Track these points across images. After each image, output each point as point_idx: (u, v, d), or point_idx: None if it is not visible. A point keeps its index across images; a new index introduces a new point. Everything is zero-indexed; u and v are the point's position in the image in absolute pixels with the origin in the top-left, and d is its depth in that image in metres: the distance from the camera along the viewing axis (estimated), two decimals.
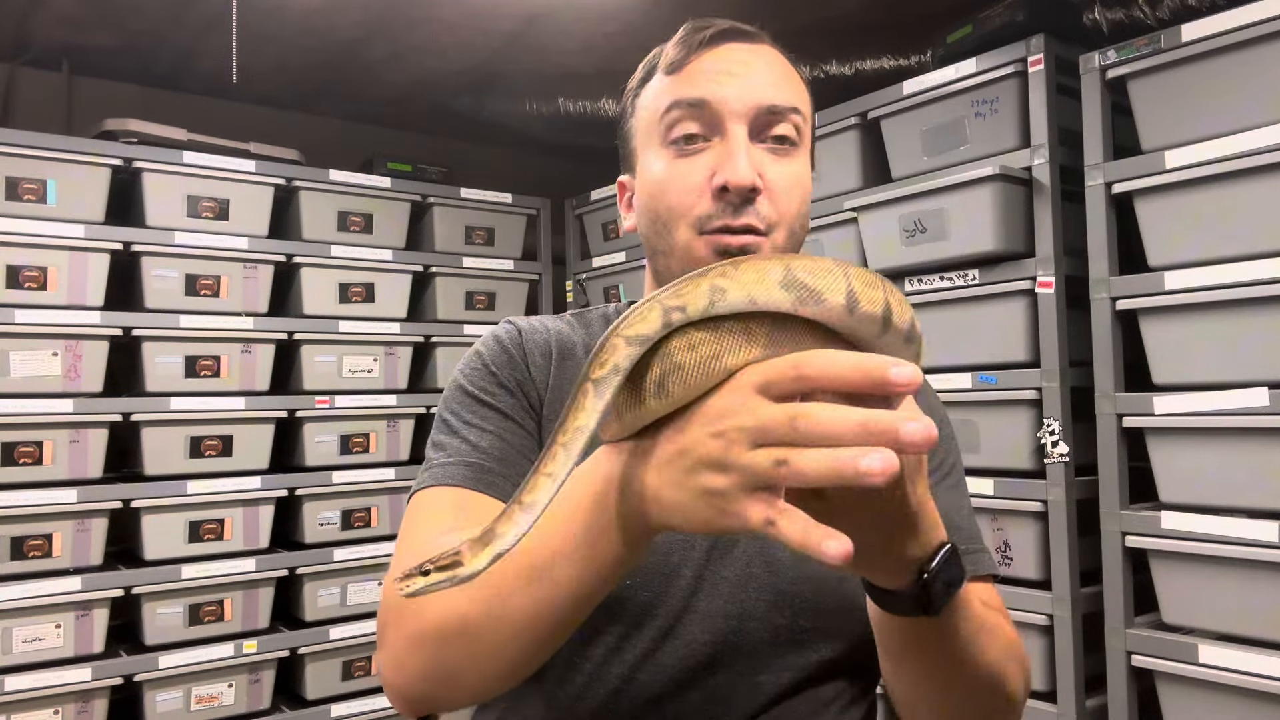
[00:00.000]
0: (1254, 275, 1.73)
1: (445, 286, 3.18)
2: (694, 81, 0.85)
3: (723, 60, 0.86)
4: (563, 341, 0.94)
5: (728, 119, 0.83)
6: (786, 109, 0.85)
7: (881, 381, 0.48)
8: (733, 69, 0.85)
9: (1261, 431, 1.73)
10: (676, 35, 0.89)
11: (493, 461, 0.83)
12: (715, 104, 0.83)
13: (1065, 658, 2.00)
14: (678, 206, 0.84)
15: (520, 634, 0.67)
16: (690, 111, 0.84)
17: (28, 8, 2.60)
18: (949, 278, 2.20)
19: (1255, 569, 1.73)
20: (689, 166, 0.84)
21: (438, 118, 3.47)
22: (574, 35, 2.77)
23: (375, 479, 2.94)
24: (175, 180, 2.68)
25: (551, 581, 0.65)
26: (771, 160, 0.84)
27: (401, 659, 0.71)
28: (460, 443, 0.85)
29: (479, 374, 0.90)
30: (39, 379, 2.45)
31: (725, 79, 0.84)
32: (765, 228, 0.83)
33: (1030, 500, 2.06)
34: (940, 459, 0.94)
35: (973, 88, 2.18)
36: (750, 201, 0.82)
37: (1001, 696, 0.75)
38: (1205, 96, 1.81)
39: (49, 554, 2.44)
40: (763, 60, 0.87)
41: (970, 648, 0.69)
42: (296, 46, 2.86)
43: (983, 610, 0.74)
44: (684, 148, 0.84)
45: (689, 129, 0.84)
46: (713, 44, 0.86)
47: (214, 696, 2.65)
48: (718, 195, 0.82)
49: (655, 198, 0.86)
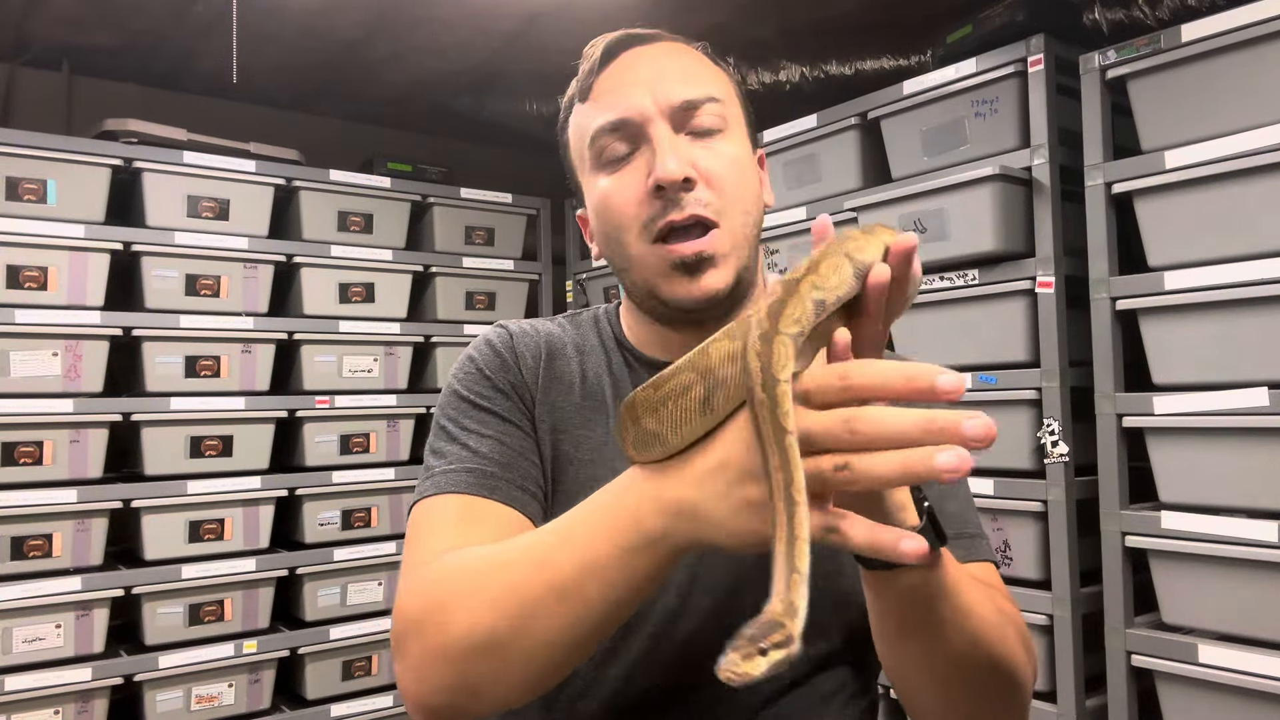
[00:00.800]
0: (1254, 275, 1.73)
1: (445, 286, 3.18)
2: (604, 103, 0.86)
3: (625, 71, 0.87)
4: (552, 342, 0.95)
5: (647, 125, 0.84)
6: (701, 100, 0.86)
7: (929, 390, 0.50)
8: (637, 77, 0.86)
9: (1261, 431, 1.73)
10: (581, 61, 0.90)
11: (495, 466, 0.83)
12: (631, 118, 0.84)
13: (1065, 658, 2.00)
14: (623, 218, 0.85)
15: (549, 650, 0.67)
16: (612, 135, 0.85)
17: (28, 8, 2.60)
18: (949, 278, 2.20)
19: (1255, 569, 1.73)
20: (626, 179, 0.85)
21: (438, 118, 3.47)
22: (574, 35, 2.75)
23: (375, 479, 2.94)
24: (175, 180, 2.68)
25: (582, 599, 0.65)
26: (701, 149, 0.85)
27: (424, 671, 0.70)
28: (460, 449, 0.85)
29: (473, 379, 0.90)
30: (39, 379, 2.45)
31: (632, 90, 0.85)
32: (714, 215, 0.84)
33: (1030, 500, 2.06)
34: None
35: (973, 88, 2.18)
36: (689, 190, 0.83)
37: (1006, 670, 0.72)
38: (1205, 96, 1.81)
39: (49, 554, 2.44)
40: (664, 59, 0.88)
41: (968, 616, 0.68)
42: (296, 46, 2.86)
43: (972, 581, 0.72)
44: (617, 165, 0.86)
45: (617, 150, 0.86)
46: (610, 58, 0.88)
47: (214, 696, 2.65)
48: (655, 195, 0.83)
49: (603, 217, 0.88)
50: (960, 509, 0.91)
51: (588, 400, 0.91)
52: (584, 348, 0.95)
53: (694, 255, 0.83)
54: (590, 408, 0.91)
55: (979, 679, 0.72)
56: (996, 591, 0.80)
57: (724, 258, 0.84)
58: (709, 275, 0.84)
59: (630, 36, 0.90)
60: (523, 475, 0.84)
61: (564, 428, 0.89)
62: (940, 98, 2.25)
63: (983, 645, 0.70)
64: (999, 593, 0.83)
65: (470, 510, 0.80)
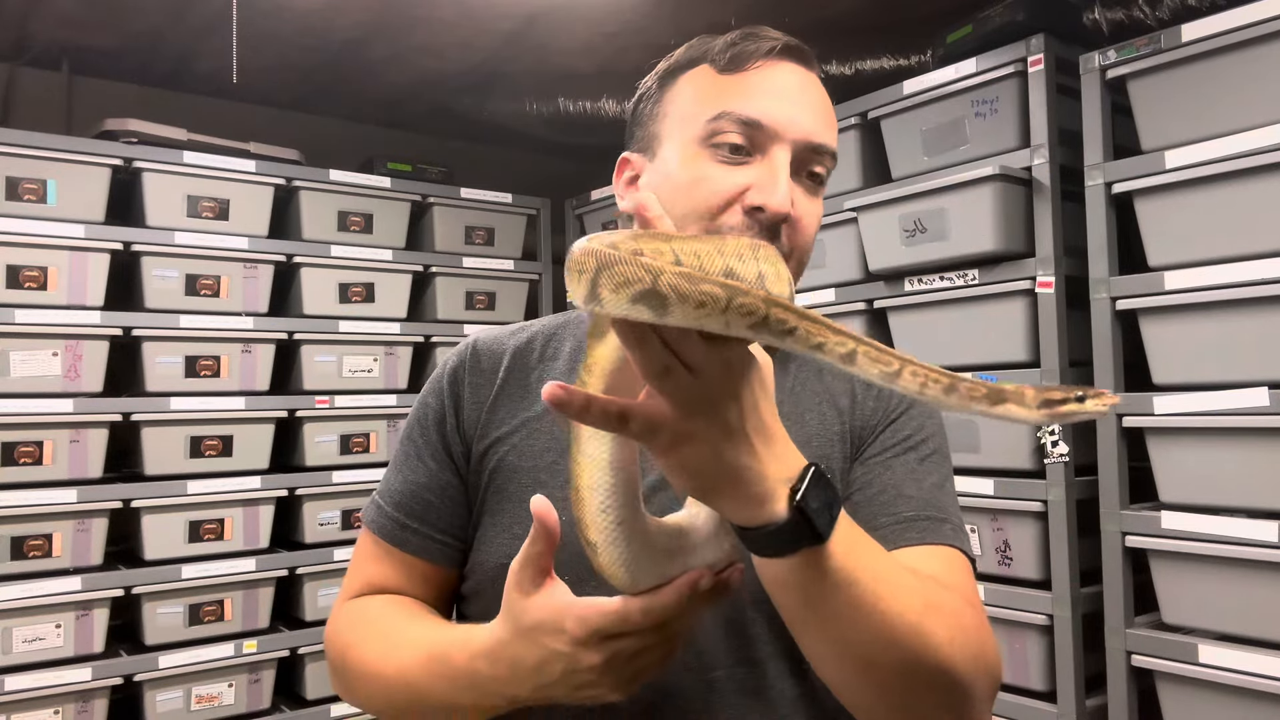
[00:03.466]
0: (1254, 275, 1.73)
1: (445, 286, 3.18)
2: (749, 95, 0.84)
3: (781, 81, 0.86)
4: (519, 353, 0.96)
5: (775, 144, 0.83)
6: (828, 151, 0.87)
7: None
8: (790, 95, 0.85)
9: (1261, 431, 1.73)
10: (733, 33, 0.87)
11: (392, 507, 0.94)
12: (768, 128, 0.83)
13: (1065, 658, 2.00)
14: (702, 208, 0.84)
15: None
16: (741, 128, 0.83)
17: (28, 8, 2.60)
18: (949, 278, 2.20)
19: (1255, 569, 1.73)
20: (725, 174, 0.84)
21: (438, 118, 3.47)
22: (574, 35, 2.77)
23: (375, 479, 2.93)
24: (175, 180, 2.68)
25: (448, 711, 0.78)
26: (802, 195, 0.86)
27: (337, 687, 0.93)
28: (396, 477, 0.95)
29: (422, 408, 0.97)
30: (39, 379, 2.45)
31: (782, 103, 0.84)
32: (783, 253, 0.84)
33: (1030, 500, 2.06)
34: (908, 433, 0.90)
35: (973, 88, 2.18)
36: (777, 228, 0.83)
37: (927, 665, 0.68)
38: (1205, 96, 1.81)
39: (49, 554, 2.44)
40: (815, 93, 0.88)
41: (871, 612, 0.65)
42: (296, 46, 2.86)
43: (891, 563, 0.70)
44: (727, 155, 0.84)
45: (734, 140, 0.84)
46: (773, 58, 0.86)
47: (214, 696, 2.65)
48: (749, 213, 0.83)
49: (679, 191, 0.85)
50: (924, 493, 0.86)
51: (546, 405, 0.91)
52: (560, 352, 0.96)
53: None
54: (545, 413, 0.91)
55: (893, 676, 0.68)
56: (932, 582, 0.73)
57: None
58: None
59: (800, 49, 0.88)
60: (436, 517, 0.92)
61: (510, 439, 0.91)
62: (940, 98, 2.25)
63: (893, 641, 0.66)
64: (937, 584, 0.74)
65: (385, 553, 0.94)
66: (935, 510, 0.85)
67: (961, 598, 0.76)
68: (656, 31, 2.64)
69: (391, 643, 0.85)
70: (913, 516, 0.84)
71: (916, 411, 0.92)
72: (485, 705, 0.76)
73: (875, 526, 0.82)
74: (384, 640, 0.86)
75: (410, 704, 0.82)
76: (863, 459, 0.89)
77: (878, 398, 0.92)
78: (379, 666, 0.85)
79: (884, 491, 0.85)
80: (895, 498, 0.85)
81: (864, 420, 0.91)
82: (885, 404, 0.92)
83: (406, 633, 0.86)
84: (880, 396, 0.92)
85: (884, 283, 2.36)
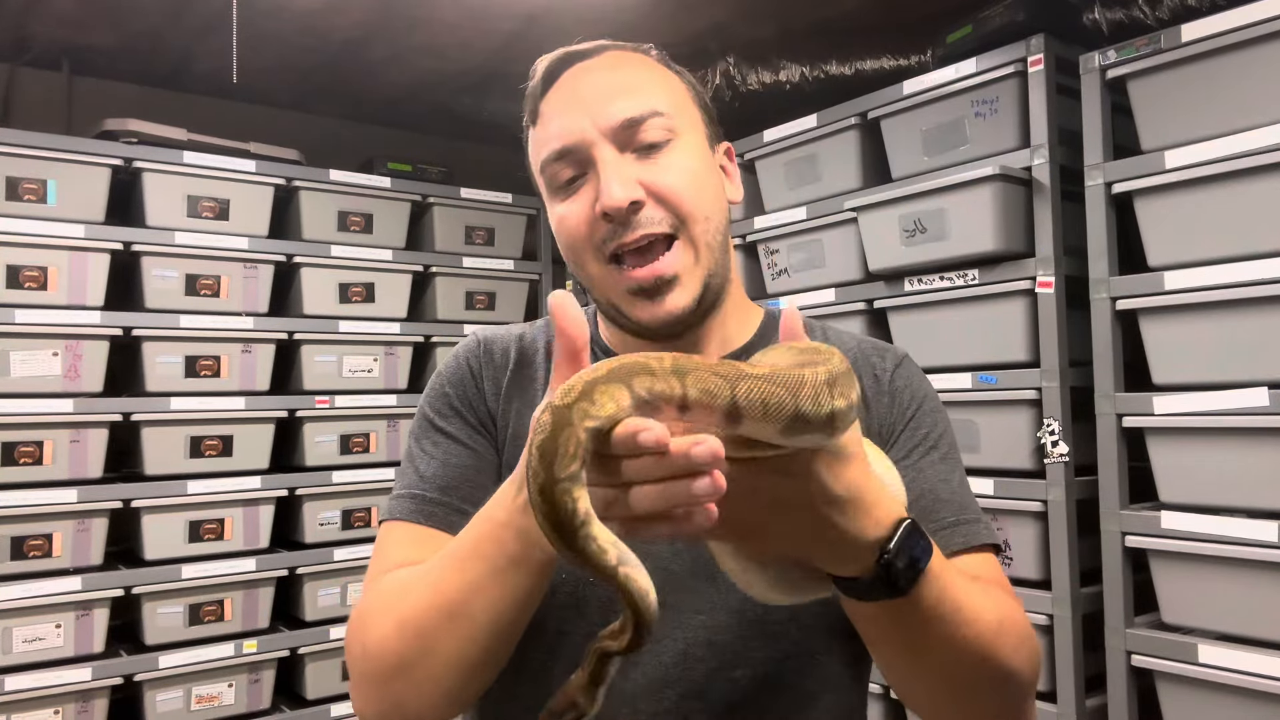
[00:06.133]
0: (1254, 275, 1.73)
1: (445, 286, 3.18)
2: (549, 128, 0.87)
3: (565, 93, 0.87)
4: (524, 350, 0.96)
5: (590, 149, 0.84)
6: (644, 115, 0.85)
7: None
8: (578, 98, 0.86)
9: (1261, 431, 1.73)
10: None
11: (435, 491, 0.88)
12: (573, 145, 0.85)
13: (1065, 658, 2.00)
14: (576, 241, 0.86)
15: (454, 667, 0.73)
16: (559, 163, 0.86)
17: (28, 8, 2.60)
18: (949, 278, 2.20)
19: (1255, 569, 1.73)
20: (576, 204, 0.86)
21: (438, 118, 3.47)
22: (574, 35, 2.74)
23: (375, 479, 2.93)
24: (175, 180, 2.68)
25: (469, 619, 0.72)
26: (648, 166, 0.85)
27: (359, 691, 0.79)
28: (411, 471, 0.91)
29: (435, 397, 0.94)
30: (39, 379, 2.45)
31: (572, 115, 0.85)
32: (670, 228, 0.84)
33: (1030, 500, 2.06)
34: (926, 431, 0.92)
35: (973, 88, 2.18)
36: (637, 212, 0.83)
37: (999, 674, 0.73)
38: (1205, 96, 1.81)
39: (49, 554, 2.44)
40: (606, 74, 0.88)
41: (951, 625, 0.68)
42: (296, 46, 2.86)
43: (967, 585, 0.72)
44: (568, 189, 0.87)
45: (566, 175, 0.86)
46: (552, 79, 0.89)
47: (214, 696, 2.65)
48: (604, 220, 0.84)
49: (561, 240, 0.89)
50: (955, 495, 0.89)
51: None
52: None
53: (652, 280, 0.83)
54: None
55: (971, 689, 0.73)
56: (995, 591, 0.79)
57: (686, 273, 0.85)
58: (670, 297, 0.84)
59: (570, 55, 0.90)
60: (463, 497, 0.88)
61: (524, 434, 0.91)
62: (940, 98, 2.25)
63: (969, 659, 0.70)
64: (999, 588, 0.81)
65: (410, 536, 0.87)
66: (970, 512, 0.89)
67: (1013, 598, 0.81)
68: (656, 32, 2.64)
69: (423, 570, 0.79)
70: (954, 522, 0.87)
71: (928, 406, 0.94)
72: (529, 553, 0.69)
73: None
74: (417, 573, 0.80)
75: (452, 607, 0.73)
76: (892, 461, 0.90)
77: (889, 394, 0.93)
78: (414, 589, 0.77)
79: (922, 497, 0.88)
80: (934, 503, 0.87)
81: (881, 418, 0.92)
82: (898, 400, 0.93)
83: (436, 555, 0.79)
84: (890, 392, 0.93)
85: (884, 283, 2.36)
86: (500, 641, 0.73)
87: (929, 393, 0.96)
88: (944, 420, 0.95)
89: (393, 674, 0.75)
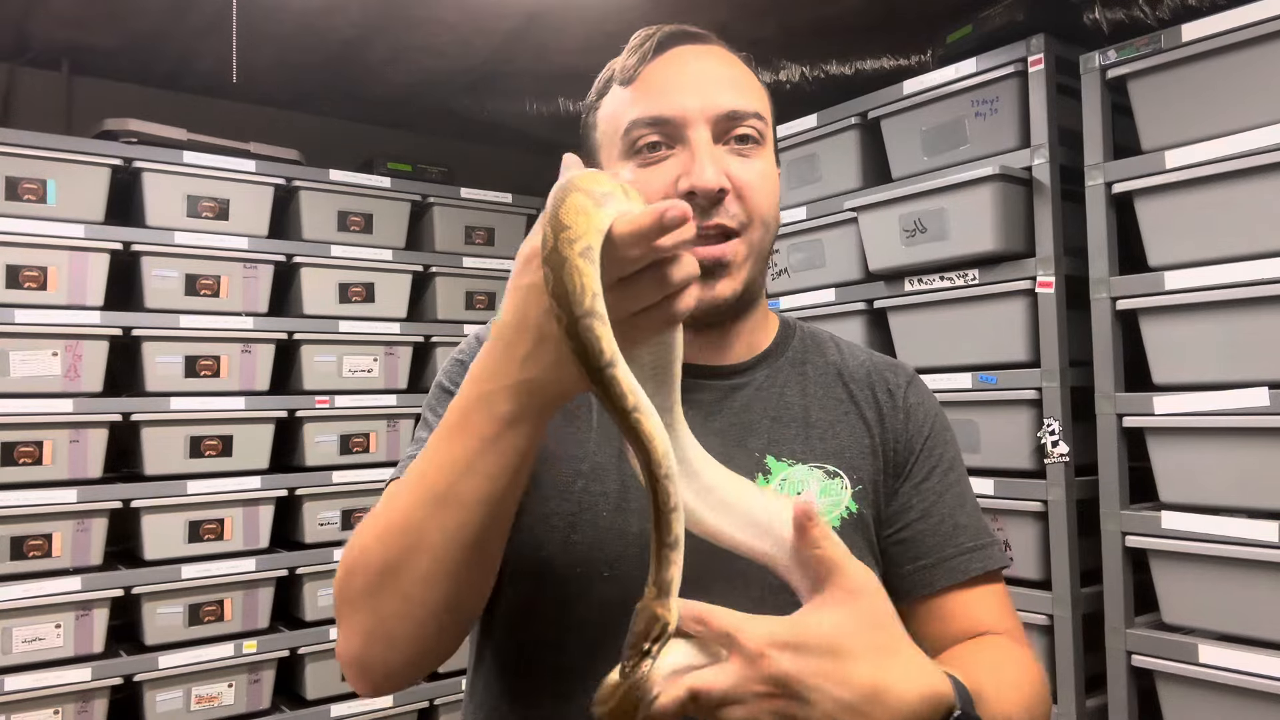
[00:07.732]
0: (1254, 275, 1.73)
1: (445, 286, 3.17)
2: (650, 95, 0.86)
3: (676, 68, 0.87)
4: None
5: (688, 128, 0.84)
6: (747, 114, 0.86)
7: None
8: (687, 76, 0.86)
9: (1261, 431, 1.73)
10: (628, 45, 0.90)
11: None
12: (675, 119, 0.84)
13: (1065, 658, 2.00)
14: None
15: (443, 562, 0.71)
16: (650, 128, 0.85)
17: (28, 8, 2.60)
18: (949, 278, 2.20)
19: (1255, 569, 1.73)
20: (654, 174, 0.85)
21: (438, 118, 3.47)
22: (574, 35, 2.77)
23: (375, 479, 2.93)
24: (175, 180, 2.68)
25: (459, 501, 0.69)
26: (737, 161, 0.86)
27: (345, 625, 0.79)
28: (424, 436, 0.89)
29: (455, 370, 0.93)
30: (39, 379, 2.45)
31: (682, 90, 0.85)
32: (737, 226, 0.85)
33: (1030, 500, 2.06)
34: (940, 452, 0.94)
35: (973, 88, 2.18)
36: (719, 203, 0.84)
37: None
38: (1205, 96, 1.81)
39: (49, 554, 2.44)
40: (716, 63, 0.89)
41: None
42: (296, 46, 2.86)
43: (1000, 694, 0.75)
44: (648, 156, 0.85)
45: (650, 140, 0.85)
46: (662, 49, 0.88)
47: (214, 696, 2.65)
48: (685, 200, 0.82)
49: None
50: (970, 518, 0.93)
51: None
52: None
53: (712, 261, 0.84)
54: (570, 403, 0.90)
55: None
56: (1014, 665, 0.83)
57: (739, 267, 0.86)
58: (723, 282, 0.85)
59: (686, 33, 0.90)
60: None
61: None
62: (940, 98, 2.25)
63: None
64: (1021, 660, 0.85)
65: None
66: (985, 535, 0.93)
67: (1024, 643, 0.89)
68: None
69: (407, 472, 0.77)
70: (972, 547, 0.91)
71: (939, 426, 0.96)
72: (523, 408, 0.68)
73: (944, 558, 0.90)
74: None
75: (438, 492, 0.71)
76: (913, 483, 0.92)
77: (904, 411, 0.94)
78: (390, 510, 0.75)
79: (943, 522, 0.91)
80: (954, 528, 0.91)
81: (896, 437, 0.93)
82: (913, 418, 0.94)
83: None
84: (905, 409, 0.94)
85: (884, 283, 2.36)
86: (490, 527, 0.71)
87: (939, 411, 0.98)
88: (954, 439, 0.98)
89: (377, 585, 0.73)
